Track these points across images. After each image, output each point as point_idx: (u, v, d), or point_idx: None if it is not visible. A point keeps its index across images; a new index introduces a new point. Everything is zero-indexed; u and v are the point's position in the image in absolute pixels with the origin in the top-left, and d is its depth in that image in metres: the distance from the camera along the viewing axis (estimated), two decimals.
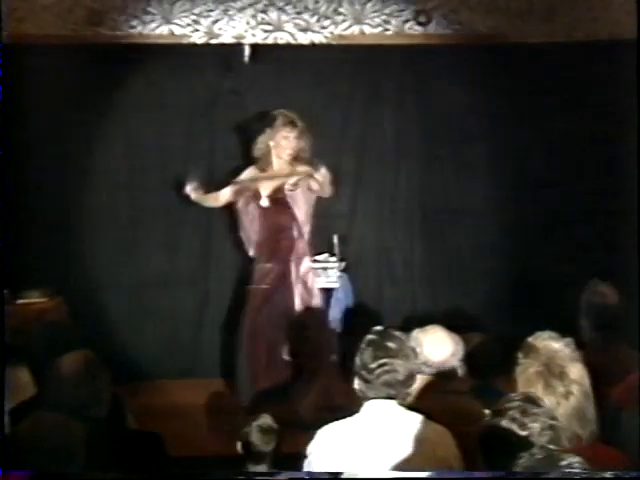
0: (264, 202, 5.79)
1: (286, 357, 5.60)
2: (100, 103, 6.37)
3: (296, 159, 5.78)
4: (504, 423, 2.68)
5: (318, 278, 5.94)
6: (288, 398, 5.46)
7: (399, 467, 3.02)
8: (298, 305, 5.67)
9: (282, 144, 5.72)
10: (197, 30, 6.40)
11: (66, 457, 2.65)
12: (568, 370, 3.09)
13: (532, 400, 2.78)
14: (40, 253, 6.27)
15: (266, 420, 3.79)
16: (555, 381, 3.06)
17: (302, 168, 5.75)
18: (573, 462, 2.23)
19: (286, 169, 5.80)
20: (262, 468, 3.72)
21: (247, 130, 6.17)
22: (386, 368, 3.12)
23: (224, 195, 5.91)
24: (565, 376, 3.07)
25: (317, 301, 5.77)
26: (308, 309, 5.69)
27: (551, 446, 2.61)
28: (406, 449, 3.04)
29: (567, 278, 5.81)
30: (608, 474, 2.53)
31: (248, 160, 5.97)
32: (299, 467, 3.19)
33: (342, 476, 2.95)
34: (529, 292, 6.37)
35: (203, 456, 4.76)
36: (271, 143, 5.75)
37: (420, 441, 3.06)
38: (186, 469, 4.05)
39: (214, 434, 5.25)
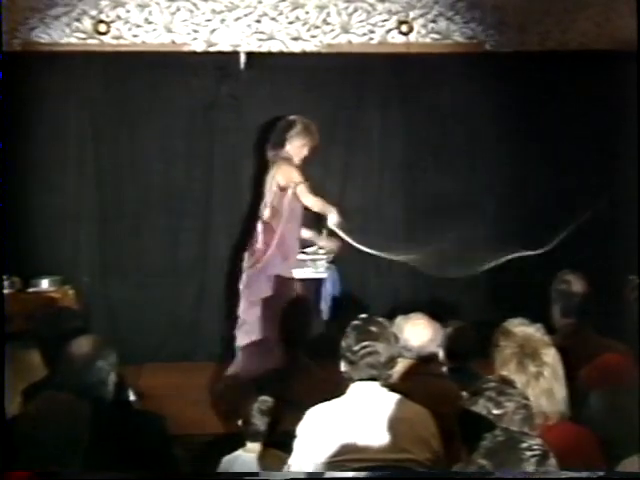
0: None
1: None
2: (107, 107, 6.35)
3: None
4: (481, 402, 2.67)
5: (307, 269, 5.91)
6: (285, 380, 5.43)
7: (381, 445, 3.01)
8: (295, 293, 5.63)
9: (299, 149, 5.58)
10: (196, 39, 6.38)
11: (73, 434, 2.65)
12: (541, 353, 3.09)
13: (508, 382, 2.80)
14: (50, 245, 6.26)
15: (267, 402, 3.78)
16: (528, 361, 3.07)
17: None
18: (532, 444, 2.19)
19: None
20: (257, 445, 3.70)
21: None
22: (368, 350, 3.14)
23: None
24: (538, 358, 3.08)
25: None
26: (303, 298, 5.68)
27: (524, 424, 2.61)
28: (388, 428, 3.04)
29: (541, 269, 5.79)
30: (611, 474, 2.51)
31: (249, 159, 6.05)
32: (291, 445, 3.17)
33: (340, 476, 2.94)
34: (505, 283, 6.35)
35: (202, 434, 4.73)
36: (288, 146, 5.60)
37: (401, 420, 3.06)
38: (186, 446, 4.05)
39: (213, 413, 5.23)
